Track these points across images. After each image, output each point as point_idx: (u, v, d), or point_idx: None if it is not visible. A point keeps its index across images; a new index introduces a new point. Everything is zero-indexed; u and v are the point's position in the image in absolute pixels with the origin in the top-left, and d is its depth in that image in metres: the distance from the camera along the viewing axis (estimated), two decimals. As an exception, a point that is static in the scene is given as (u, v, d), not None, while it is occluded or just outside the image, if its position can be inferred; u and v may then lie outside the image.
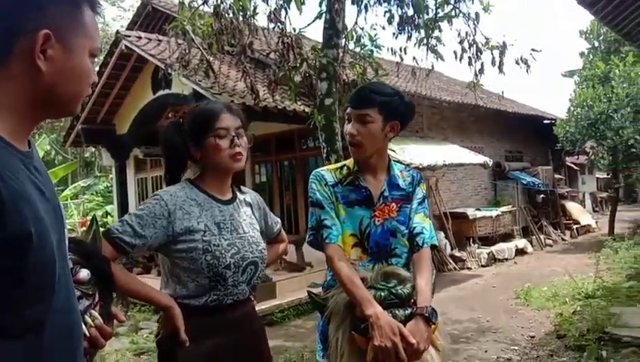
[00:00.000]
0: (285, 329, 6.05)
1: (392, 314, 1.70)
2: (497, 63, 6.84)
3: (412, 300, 1.76)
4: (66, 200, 14.37)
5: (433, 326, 1.76)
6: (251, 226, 1.81)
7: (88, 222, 1.49)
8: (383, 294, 1.74)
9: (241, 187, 1.92)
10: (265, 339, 1.88)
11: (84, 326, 1.10)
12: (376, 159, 1.96)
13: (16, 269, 0.81)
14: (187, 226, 1.65)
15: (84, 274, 1.17)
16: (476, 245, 10.08)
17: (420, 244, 1.90)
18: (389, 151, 2.07)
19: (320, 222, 1.90)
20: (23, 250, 0.81)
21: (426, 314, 1.71)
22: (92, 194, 16.82)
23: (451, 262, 9.51)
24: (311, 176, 2.00)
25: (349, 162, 2.00)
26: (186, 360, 1.61)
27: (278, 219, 2.11)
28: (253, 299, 1.84)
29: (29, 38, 0.86)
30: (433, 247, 1.95)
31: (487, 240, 10.42)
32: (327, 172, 1.99)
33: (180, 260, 1.66)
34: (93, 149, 15.35)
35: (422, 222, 1.96)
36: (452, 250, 9.88)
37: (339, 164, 2.05)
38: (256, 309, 1.90)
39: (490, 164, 10.11)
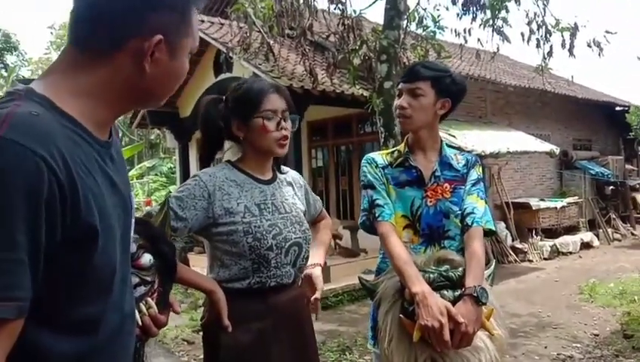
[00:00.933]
0: (339, 313, 6.07)
1: (440, 295, 1.64)
2: (567, 46, 6.51)
3: (463, 284, 1.69)
4: (132, 180, 15.01)
5: (487, 311, 1.68)
6: (293, 206, 1.77)
7: (160, 204, 1.49)
8: (432, 276, 1.69)
9: (282, 166, 1.88)
10: (310, 326, 1.83)
11: (137, 314, 1.08)
12: (426, 135, 1.94)
13: (81, 268, 0.81)
14: (227, 207, 1.62)
15: (146, 259, 1.14)
16: (539, 237, 9.69)
17: (470, 224, 1.84)
18: (449, 137, 2.02)
19: (372, 202, 1.90)
20: (90, 248, 0.81)
21: (475, 294, 1.63)
22: (156, 174, 17.49)
23: (512, 253, 9.19)
24: (362, 161, 2.02)
25: (400, 146, 2.00)
26: (229, 344, 1.59)
27: (318, 198, 2.06)
28: (300, 283, 1.80)
29: (143, 39, 0.86)
30: (490, 233, 1.89)
31: (550, 233, 9.99)
32: (378, 155, 2.01)
33: (221, 243, 1.64)
34: (158, 131, 15.91)
35: (474, 202, 1.90)
36: (513, 241, 9.54)
37: (390, 149, 2.06)
38: (303, 294, 1.84)
39: (557, 152, 9.64)
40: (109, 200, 0.86)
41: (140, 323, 1.09)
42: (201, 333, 5.09)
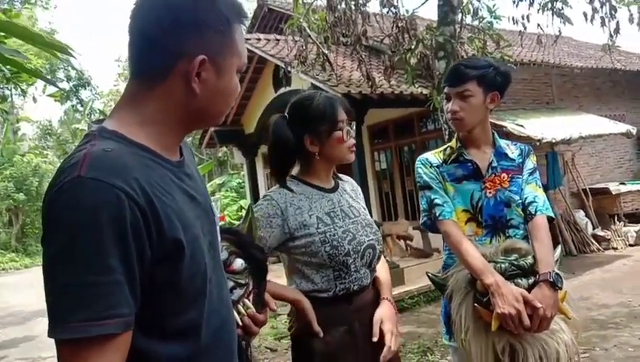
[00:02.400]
0: (416, 315, 6.04)
1: (514, 284, 1.67)
2: (636, 20, 6.16)
3: (535, 271, 1.71)
4: (205, 197, 15.56)
5: (561, 294, 1.70)
6: (360, 210, 1.82)
7: (244, 212, 1.58)
8: (503, 266, 1.71)
9: (340, 175, 1.93)
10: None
11: (237, 315, 1.16)
12: (479, 132, 1.96)
13: (175, 278, 0.88)
14: (301, 221, 1.67)
15: (238, 264, 1.23)
16: (622, 223, 9.17)
17: (533, 213, 1.86)
18: (517, 127, 2.03)
19: (431, 202, 1.94)
20: (180, 259, 0.89)
21: (551, 280, 1.66)
22: (226, 190, 18.06)
23: (594, 242, 8.76)
24: (416, 162, 2.05)
25: (452, 142, 2.02)
26: (322, 350, 1.64)
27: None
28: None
29: (187, 61, 0.91)
30: (550, 220, 1.89)
31: (634, 217, 9.43)
32: (431, 155, 2.04)
33: (300, 255, 1.68)
34: (225, 149, 16.45)
35: (534, 191, 1.92)
36: (594, 229, 9.10)
37: (442, 148, 2.07)
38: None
39: (634, 132, 9.10)
40: (190, 213, 0.94)
41: (240, 323, 1.18)
42: (283, 341, 5.18)
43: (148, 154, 0.92)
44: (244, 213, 2.05)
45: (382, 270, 1.85)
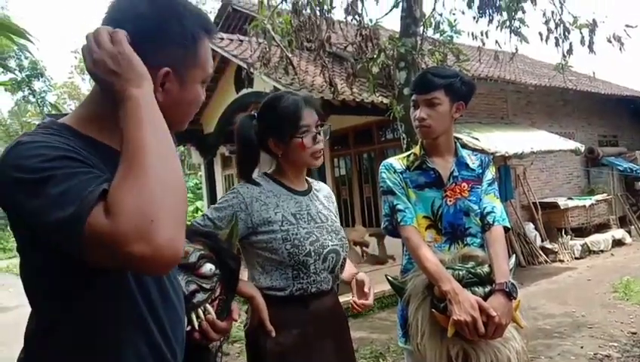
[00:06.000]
0: (370, 321, 6.07)
1: (471, 292, 1.71)
2: (587, 43, 6.44)
3: (491, 280, 1.76)
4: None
5: (515, 303, 1.75)
6: (329, 216, 1.83)
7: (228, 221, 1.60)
8: (461, 273, 1.75)
9: (313, 180, 1.93)
10: (348, 332, 1.88)
11: (194, 319, 1.15)
12: (443, 141, 2.00)
13: None
14: (265, 217, 1.67)
15: (206, 269, 1.22)
16: (569, 236, 9.53)
17: (491, 222, 1.92)
18: (472, 140, 2.08)
19: (393, 207, 1.97)
20: None
21: (506, 289, 1.71)
22: (182, 191, 17.70)
23: (542, 254, 9.07)
24: (380, 167, 2.08)
25: (416, 149, 2.06)
26: (273, 349, 1.64)
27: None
28: (336, 290, 1.84)
29: (152, 72, 0.93)
30: (506, 230, 1.95)
31: (580, 231, 9.82)
32: (395, 160, 2.07)
33: (262, 250, 1.69)
34: (183, 148, 16.16)
35: (492, 201, 1.98)
36: (542, 241, 9.42)
37: (405, 153, 2.11)
38: (339, 301, 1.89)
39: (582, 149, 9.50)
40: None
41: (197, 327, 1.16)
42: (235, 344, 5.10)
43: (96, 145, 0.94)
44: (200, 214, 2.02)
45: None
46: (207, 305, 1.20)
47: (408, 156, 2.06)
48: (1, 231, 21.10)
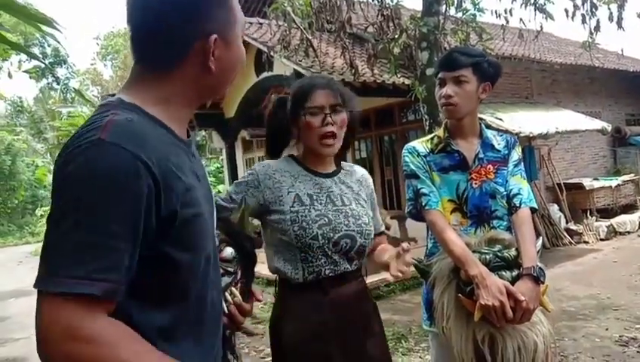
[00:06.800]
0: (392, 303, 6.10)
1: (498, 276, 1.70)
2: (615, 19, 6.25)
3: (518, 263, 1.74)
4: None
5: (543, 287, 1.73)
6: (355, 201, 1.75)
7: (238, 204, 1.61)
8: (488, 257, 1.73)
9: (348, 164, 1.89)
10: (376, 318, 1.79)
11: (224, 303, 1.16)
12: (468, 122, 1.97)
13: (177, 257, 0.90)
14: (277, 195, 1.67)
15: (227, 252, 1.24)
16: (594, 217, 9.38)
17: (518, 205, 1.89)
18: (496, 120, 2.05)
19: (417, 191, 1.95)
20: (187, 236, 0.91)
21: (534, 274, 1.70)
22: (204, 175, 17.88)
23: (566, 236, 8.95)
24: (403, 151, 2.05)
25: (439, 131, 2.02)
26: (292, 337, 1.64)
27: (383, 224, 1.99)
28: (364, 275, 1.78)
29: (202, 43, 0.93)
30: (533, 211, 1.92)
31: (606, 212, 9.65)
32: (418, 144, 2.03)
33: (274, 231, 1.69)
34: (204, 133, 16.28)
35: (519, 183, 1.94)
36: (567, 223, 9.29)
37: (429, 136, 2.08)
38: (366, 288, 1.80)
39: (609, 129, 9.29)
40: (199, 192, 0.95)
41: (227, 311, 1.17)
42: (260, 326, 5.20)
43: (165, 131, 0.93)
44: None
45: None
46: (233, 288, 1.22)
47: (432, 139, 2.03)
48: (29, 215, 21.64)
